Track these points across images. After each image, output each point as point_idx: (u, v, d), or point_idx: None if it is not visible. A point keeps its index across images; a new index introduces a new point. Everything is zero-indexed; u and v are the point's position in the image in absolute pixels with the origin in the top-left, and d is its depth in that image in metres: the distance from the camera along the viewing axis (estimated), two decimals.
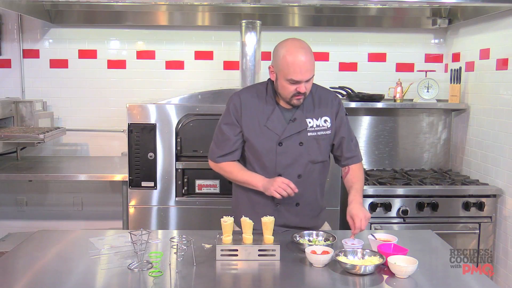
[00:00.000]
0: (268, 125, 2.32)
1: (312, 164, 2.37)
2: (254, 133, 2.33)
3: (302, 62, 2.17)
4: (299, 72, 2.17)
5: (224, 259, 2.02)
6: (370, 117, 4.05)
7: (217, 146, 2.41)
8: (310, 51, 2.22)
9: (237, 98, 2.37)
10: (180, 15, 4.04)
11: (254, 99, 2.36)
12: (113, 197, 4.09)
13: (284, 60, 2.19)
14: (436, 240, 2.37)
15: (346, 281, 1.85)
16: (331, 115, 2.38)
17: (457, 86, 3.76)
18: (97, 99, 4.13)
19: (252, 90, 2.41)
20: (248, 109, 2.34)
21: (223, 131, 2.38)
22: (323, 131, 2.36)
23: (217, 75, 4.12)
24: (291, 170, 2.34)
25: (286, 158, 2.32)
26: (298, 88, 2.21)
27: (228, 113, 2.37)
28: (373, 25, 4.10)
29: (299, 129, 2.32)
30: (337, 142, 2.42)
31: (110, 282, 1.86)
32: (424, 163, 4.09)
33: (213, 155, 2.44)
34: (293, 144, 2.32)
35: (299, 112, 2.33)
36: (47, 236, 2.39)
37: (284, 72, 2.20)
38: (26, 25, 4.07)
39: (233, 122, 2.35)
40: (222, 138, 2.39)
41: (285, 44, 2.25)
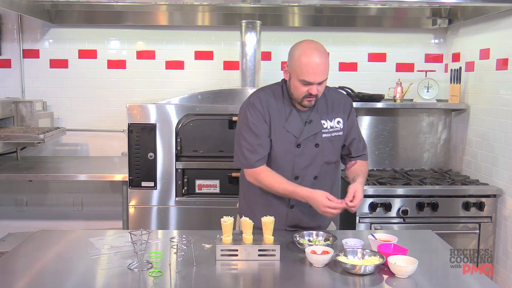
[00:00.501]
0: (287, 126, 2.31)
1: (327, 165, 2.38)
2: (274, 134, 2.31)
3: (316, 64, 2.18)
4: (312, 73, 2.18)
5: (224, 259, 2.02)
6: (370, 117, 4.05)
7: (252, 151, 2.29)
8: (325, 54, 2.24)
9: (257, 98, 2.32)
10: (180, 15, 4.04)
11: (272, 99, 2.33)
12: (113, 197, 4.09)
13: (299, 61, 2.20)
14: (436, 240, 2.37)
15: (346, 281, 1.85)
16: (344, 117, 2.40)
17: (457, 86, 3.76)
18: (97, 99, 4.13)
19: (268, 91, 2.37)
20: (269, 110, 2.31)
21: (255, 133, 2.29)
22: (336, 132, 2.37)
23: (217, 75, 4.12)
24: (307, 172, 2.34)
25: (303, 160, 2.32)
26: (310, 90, 2.21)
27: (254, 113, 2.30)
28: (373, 25, 4.10)
29: (315, 130, 2.32)
30: (348, 143, 2.43)
31: (110, 282, 1.86)
32: (424, 163, 4.09)
33: (249, 161, 2.30)
34: (309, 146, 2.32)
35: (315, 114, 2.33)
36: (47, 236, 2.39)
37: (297, 73, 2.20)
38: (26, 25, 4.07)
39: (261, 121, 2.29)
40: (257, 141, 2.29)
41: (301, 45, 2.26)
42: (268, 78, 3.97)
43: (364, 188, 2.31)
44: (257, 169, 2.31)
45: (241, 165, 2.37)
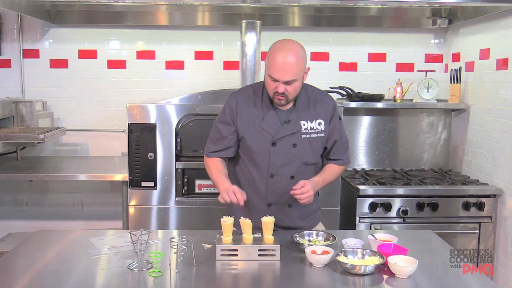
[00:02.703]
0: (263, 125, 2.34)
1: (305, 166, 2.39)
2: (248, 132, 2.36)
3: (283, 62, 2.20)
4: (278, 70, 2.21)
5: (224, 259, 2.02)
6: (370, 117, 4.05)
7: (212, 142, 2.46)
8: (298, 55, 2.23)
9: (234, 100, 2.41)
10: (180, 15, 4.04)
11: (250, 99, 2.39)
12: (113, 197, 4.09)
13: (269, 56, 2.26)
14: (436, 240, 2.37)
15: (346, 281, 1.85)
16: (326, 119, 2.40)
17: (457, 86, 3.76)
18: (97, 99, 4.13)
19: (249, 90, 2.44)
20: (244, 110, 2.38)
21: (219, 129, 2.42)
22: (316, 134, 2.38)
23: (217, 75, 4.12)
24: (284, 171, 2.36)
25: (279, 159, 2.34)
26: (277, 88, 2.24)
27: (224, 113, 2.42)
28: (373, 25, 4.10)
29: (293, 130, 2.34)
30: (329, 145, 2.44)
31: (110, 282, 1.86)
32: (424, 163, 4.09)
33: (207, 150, 2.49)
34: (286, 145, 2.34)
35: (294, 114, 2.35)
36: (47, 236, 2.39)
37: (267, 67, 2.27)
38: (26, 25, 4.07)
39: (228, 121, 2.40)
40: (218, 136, 2.43)
41: (278, 41, 2.31)
42: None
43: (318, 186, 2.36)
44: (209, 159, 2.46)
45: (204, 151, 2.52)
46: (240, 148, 2.42)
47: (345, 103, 3.69)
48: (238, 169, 2.46)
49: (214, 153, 2.45)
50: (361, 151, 4.07)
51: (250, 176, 2.40)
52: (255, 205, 2.40)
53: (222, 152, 2.43)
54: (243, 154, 2.41)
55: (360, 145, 4.06)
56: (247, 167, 2.40)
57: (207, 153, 2.48)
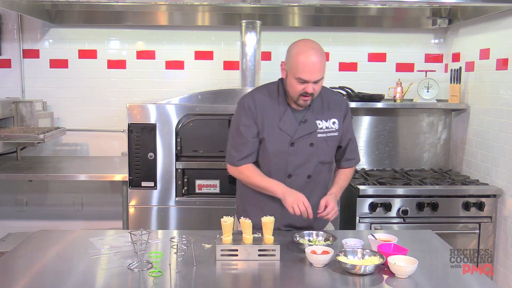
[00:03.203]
0: (281, 125, 2.33)
1: (321, 165, 2.40)
2: (267, 133, 2.34)
3: (312, 62, 2.20)
4: (308, 71, 2.19)
5: (224, 259, 2.02)
6: (370, 117, 4.05)
7: (236, 149, 2.36)
8: (322, 53, 2.25)
9: (251, 99, 2.36)
10: (180, 15, 4.04)
11: (267, 99, 2.36)
12: (113, 197, 4.09)
13: (295, 59, 2.22)
14: (436, 240, 2.37)
15: (346, 281, 1.85)
16: (339, 118, 2.41)
17: (457, 86, 3.76)
18: (97, 99, 4.13)
19: (264, 91, 2.41)
20: (262, 110, 2.34)
21: (241, 134, 2.34)
22: (331, 133, 2.39)
23: (217, 75, 4.12)
24: (301, 171, 2.36)
25: (297, 159, 2.34)
26: (306, 88, 2.22)
27: (244, 114, 2.34)
28: (373, 25, 4.10)
29: (310, 130, 2.34)
30: (344, 144, 2.47)
31: (110, 282, 1.86)
32: (424, 163, 4.09)
33: (232, 159, 2.38)
34: (304, 145, 2.34)
35: (310, 114, 2.35)
36: (47, 236, 2.39)
37: (293, 71, 2.22)
38: (26, 25, 4.07)
39: (250, 123, 2.33)
40: (241, 140, 2.35)
41: (299, 43, 2.28)
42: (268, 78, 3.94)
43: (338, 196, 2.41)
44: (240, 168, 2.37)
45: (226, 161, 2.44)
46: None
47: None
48: None
49: (243, 160, 2.35)
50: (361, 151, 4.06)
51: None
52: (270, 206, 2.37)
53: (249, 158, 2.36)
54: (260, 155, 2.38)
55: (360, 145, 4.06)
56: (263, 168, 2.38)
57: (235, 162, 2.36)
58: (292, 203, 2.22)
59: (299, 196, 2.24)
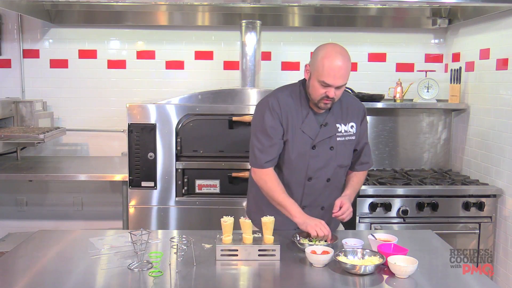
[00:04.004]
0: (303, 128, 2.33)
1: (339, 168, 2.42)
2: (291, 136, 2.33)
3: (337, 67, 2.20)
4: (332, 76, 2.19)
5: (224, 259, 2.02)
6: (370, 117, 4.04)
7: (263, 151, 2.32)
8: (348, 59, 2.26)
9: (275, 100, 2.33)
10: (180, 15, 4.04)
11: (290, 101, 2.35)
12: (113, 197, 4.09)
13: (321, 62, 2.21)
14: (436, 240, 2.37)
15: (346, 281, 1.85)
16: (357, 122, 2.43)
17: (457, 86, 3.76)
18: (97, 99, 4.13)
19: (286, 92, 2.39)
20: (287, 111, 2.33)
21: (269, 135, 2.31)
22: (350, 137, 2.40)
23: (217, 75, 4.12)
24: (321, 174, 2.37)
25: (317, 162, 2.35)
26: (328, 92, 2.22)
27: (270, 115, 2.31)
28: (373, 25, 4.10)
29: (331, 133, 2.35)
30: (360, 148, 2.48)
31: (110, 282, 1.86)
32: (424, 163, 4.09)
33: (259, 161, 2.33)
34: (324, 148, 2.35)
35: (330, 117, 2.36)
36: (47, 236, 2.39)
37: (318, 73, 2.21)
38: (26, 25, 4.07)
39: (277, 124, 2.31)
40: (269, 143, 2.31)
41: (327, 46, 2.28)
42: (268, 78, 3.99)
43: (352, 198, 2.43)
44: (265, 170, 2.33)
45: (252, 163, 2.39)
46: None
47: None
48: None
49: (269, 163, 2.32)
50: None
51: (283, 180, 2.37)
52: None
53: (273, 161, 2.34)
54: (281, 158, 2.37)
55: None
56: (282, 171, 2.37)
57: (262, 164, 2.32)
58: (315, 227, 2.20)
59: (318, 222, 2.23)
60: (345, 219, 2.33)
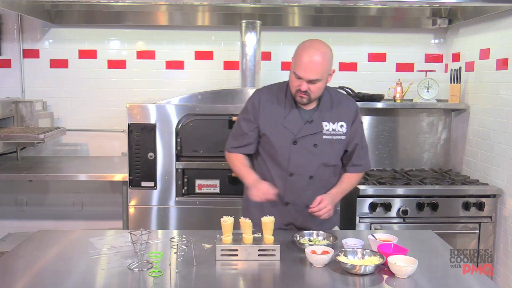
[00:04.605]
0: (285, 123, 2.36)
1: (325, 167, 2.40)
2: (270, 129, 2.38)
3: (309, 61, 2.22)
4: (303, 68, 2.23)
5: (224, 259, 2.02)
6: (370, 117, 4.04)
7: (234, 138, 2.50)
8: (324, 56, 2.25)
9: (257, 96, 2.44)
10: (180, 15, 4.04)
11: (274, 97, 2.41)
12: (113, 197, 4.09)
13: (297, 54, 2.28)
14: (436, 240, 2.37)
15: (346, 281, 1.85)
16: (348, 121, 2.42)
17: (457, 86, 3.76)
18: (97, 99, 4.13)
19: (273, 89, 2.46)
20: (267, 107, 2.39)
21: (240, 126, 2.46)
22: (338, 136, 2.39)
23: (217, 75, 4.12)
24: (303, 171, 2.37)
25: (299, 158, 2.36)
26: (300, 86, 2.25)
27: (247, 109, 2.45)
28: (373, 25, 4.10)
29: (314, 130, 2.35)
30: (350, 149, 2.46)
31: (110, 282, 1.86)
32: (424, 163, 4.09)
33: (228, 145, 2.52)
34: (307, 145, 2.35)
35: (317, 115, 2.37)
36: (47, 236, 2.39)
37: (293, 65, 2.29)
38: (26, 25, 4.07)
39: (249, 118, 2.42)
40: (239, 132, 2.46)
41: (307, 40, 2.33)
42: (268, 78, 3.97)
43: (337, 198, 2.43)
44: (232, 154, 2.50)
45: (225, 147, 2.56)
46: (261, 145, 2.44)
47: None
48: (257, 166, 2.48)
49: (235, 149, 2.48)
50: None
51: (268, 173, 2.41)
52: (272, 203, 2.39)
53: (242, 148, 2.46)
54: (263, 151, 2.43)
55: None
56: (266, 165, 2.42)
57: (229, 148, 2.51)
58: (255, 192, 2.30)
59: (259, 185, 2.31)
60: (322, 216, 2.30)
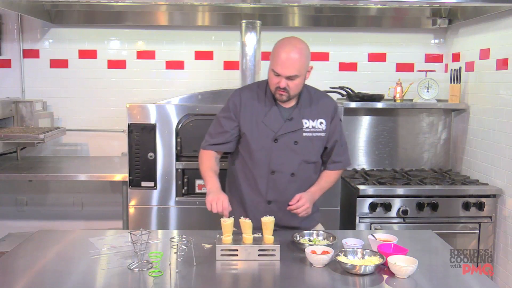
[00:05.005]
0: (265, 121, 2.38)
1: (306, 164, 2.42)
2: (251, 128, 2.39)
3: (286, 57, 2.25)
4: (281, 65, 2.26)
5: (224, 259, 2.02)
6: (370, 117, 4.05)
7: (212, 136, 2.47)
8: (301, 52, 2.28)
9: (238, 96, 2.44)
10: (180, 15, 4.04)
11: (254, 96, 2.43)
12: (113, 197, 4.09)
13: (274, 51, 2.31)
14: (436, 240, 2.37)
15: (346, 281, 1.85)
16: (327, 119, 2.44)
17: (457, 86, 3.76)
18: (97, 99, 4.13)
19: (253, 88, 2.48)
20: (247, 106, 2.41)
21: (221, 124, 2.44)
22: (318, 133, 2.42)
23: (217, 75, 4.12)
24: (284, 168, 2.39)
25: (280, 155, 2.37)
26: (279, 82, 2.28)
27: (228, 108, 2.45)
28: (373, 25, 4.10)
29: (294, 128, 2.38)
30: (330, 146, 2.48)
31: (110, 282, 1.86)
32: (424, 163, 4.09)
33: (204, 143, 2.49)
34: (288, 142, 2.37)
35: (296, 112, 2.39)
36: (47, 236, 2.39)
37: (271, 62, 2.32)
38: (26, 25, 4.07)
39: (230, 117, 2.42)
40: (219, 130, 2.45)
41: (284, 38, 2.36)
42: None
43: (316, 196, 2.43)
44: (205, 151, 2.47)
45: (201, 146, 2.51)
46: (241, 145, 2.44)
47: (345, 103, 3.69)
48: (238, 166, 2.47)
49: (212, 146, 2.45)
50: (361, 151, 4.07)
51: (250, 173, 2.42)
52: (254, 203, 2.42)
53: (220, 146, 2.45)
54: (244, 150, 2.43)
55: (360, 145, 4.06)
56: (247, 164, 2.42)
57: (205, 145, 2.48)
58: (211, 201, 2.25)
59: (220, 196, 2.26)
60: (300, 214, 2.32)
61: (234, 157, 2.50)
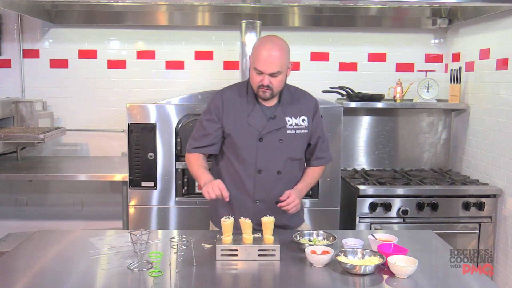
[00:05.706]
0: (249, 121, 2.39)
1: (291, 161, 2.44)
2: (235, 129, 2.40)
3: (267, 55, 2.28)
4: (263, 63, 2.28)
5: (224, 259, 2.02)
6: (370, 117, 4.05)
7: (196, 139, 2.47)
8: (282, 49, 2.32)
9: (219, 98, 2.46)
10: (180, 15, 4.04)
11: (236, 96, 2.44)
12: (113, 197, 4.09)
13: (254, 50, 2.34)
14: (436, 240, 2.37)
15: (346, 281, 1.85)
16: (309, 115, 2.47)
17: (457, 86, 3.76)
18: (97, 99, 4.13)
19: (234, 88, 2.50)
20: (230, 107, 2.42)
21: (203, 126, 2.44)
22: (301, 130, 2.44)
23: (217, 75, 4.12)
24: (271, 166, 2.40)
25: (266, 154, 2.39)
26: (262, 80, 2.30)
27: (209, 110, 2.45)
28: (373, 25, 4.10)
29: (278, 126, 2.40)
30: (313, 142, 2.51)
31: (110, 282, 1.86)
32: (424, 163, 4.09)
33: (189, 146, 2.49)
34: (273, 141, 2.39)
35: (279, 110, 2.41)
36: (47, 236, 2.39)
37: (252, 61, 2.34)
38: (26, 25, 4.07)
39: (213, 119, 2.43)
40: (203, 132, 2.45)
41: (264, 37, 2.40)
42: None
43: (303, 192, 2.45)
44: (191, 154, 2.47)
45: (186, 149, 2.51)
46: (225, 146, 2.45)
47: (345, 103, 3.69)
48: (223, 167, 2.48)
49: (197, 149, 2.45)
50: (361, 151, 4.07)
51: (236, 173, 2.42)
52: (241, 202, 2.42)
53: (205, 149, 2.45)
54: (229, 151, 2.43)
55: (360, 145, 4.06)
56: (233, 164, 2.42)
57: (189, 149, 2.48)
58: (207, 188, 2.23)
59: (214, 181, 2.26)
60: (290, 210, 2.33)
61: (218, 159, 2.51)
